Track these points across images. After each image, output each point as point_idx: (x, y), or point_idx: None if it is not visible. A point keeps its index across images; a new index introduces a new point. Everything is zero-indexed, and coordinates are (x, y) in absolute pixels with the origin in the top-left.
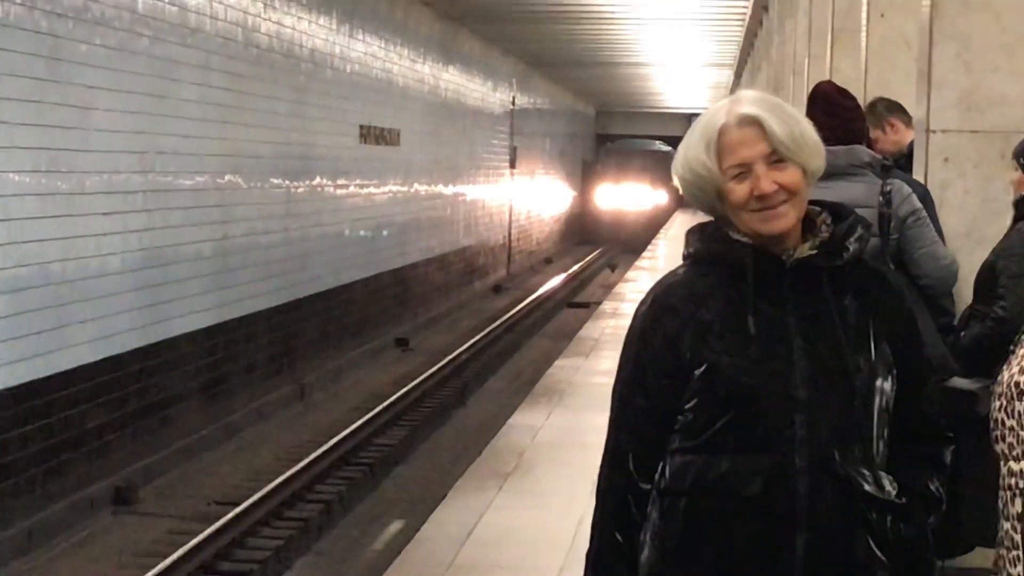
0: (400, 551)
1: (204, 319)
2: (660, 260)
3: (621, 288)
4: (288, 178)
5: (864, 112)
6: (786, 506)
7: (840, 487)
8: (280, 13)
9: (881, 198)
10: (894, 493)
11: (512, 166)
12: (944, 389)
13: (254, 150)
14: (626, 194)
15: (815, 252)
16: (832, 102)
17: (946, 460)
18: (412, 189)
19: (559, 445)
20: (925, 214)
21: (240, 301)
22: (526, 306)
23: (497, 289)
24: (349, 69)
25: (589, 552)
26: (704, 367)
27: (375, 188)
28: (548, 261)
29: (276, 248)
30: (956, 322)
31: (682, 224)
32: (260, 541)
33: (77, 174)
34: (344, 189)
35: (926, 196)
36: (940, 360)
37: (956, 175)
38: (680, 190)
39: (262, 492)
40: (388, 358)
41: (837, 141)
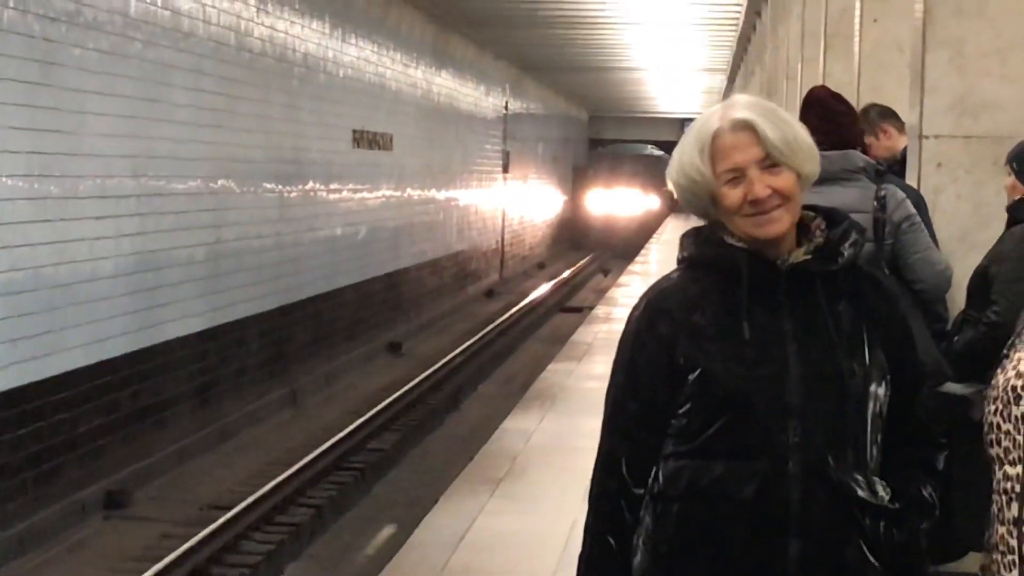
0: (392, 556)
1: (197, 323)
2: (652, 265)
3: (614, 293)
4: (281, 182)
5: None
6: (780, 511)
7: (834, 492)
8: (273, 18)
9: (876, 203)
10: (887, 498)
11: (505, 171)
12: (938, 394)
13: (247, 154)
14: (617, 199)
15: (810, 257)
16: (826, 107)
17: (939, 465)
18: (405, 193)
19: (552, 449)
20: (919, 219)
21: (233, 305)
22: (519, 310)
23: (490, 293)
24: (342, 73)
25: (581, 556)
26: (698, 372)
27: (368, 192)
28: (541, 266)
29: (269, 252)
30: (949, 327)
31: (675, 229)
32: (252, 545)
33: (70, 178)
34: (337, 193)
35: (920, 201)
36: (934, 365)
37: (949, 180)
38: (675, 194)
39: (254, 496)
40: (381, 362)
41: (831, 146)
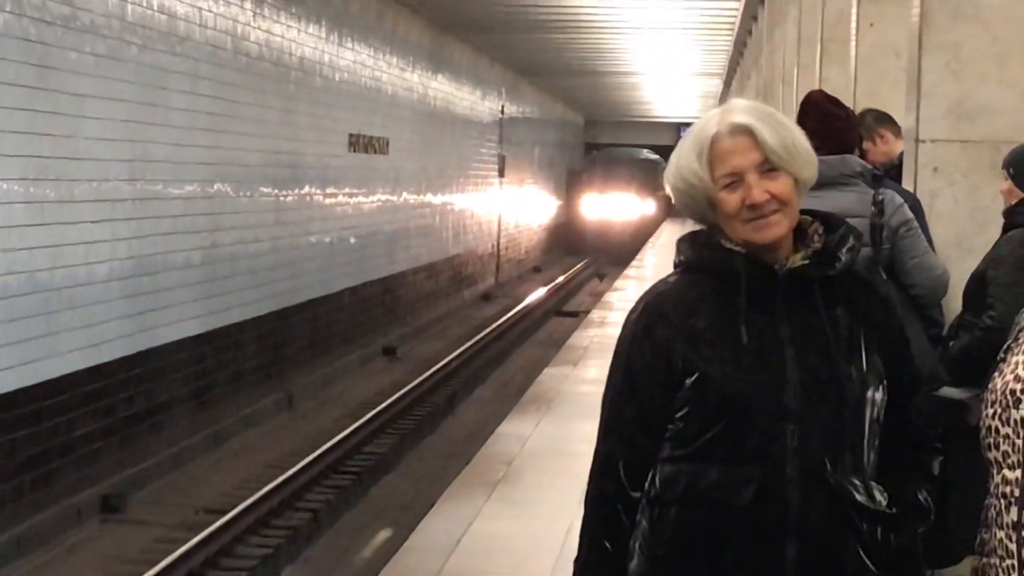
0: (388, 560)
1: (192, 327)
2: (648, 270)
3: (610, 297)
4: (277, 186)
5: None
6: (777, 516)
7: (831, 497)
8: (269, 21)
9: (874, 208)
10: (885, 503)
11: (501, 175)
12: (934, 398)
13: (243, 158)
14: (612, 204)
15: (807, 262)
16: (824, 111)
17: (935, 470)
18: (401, 198)
19: (548, 453)
20: (917, 224)
21: (229, 309)
22: (515, 315)
23: (486, 298)
24: (338, 78)
25: (577, 560)
26: (696, 376)
27: (364, 197)
28: (536, 270)
29: (265, 256)
30: (945, 332)
31: (671, 234)
32: (248, 549)
33: (66, 182)
34: (333, 198)
35: (916, 206)
36: (931, 370)
37: (945, 185)
38: (672, 198)
39: (250, 500)
40: (376, 367)
41: (829, 151)
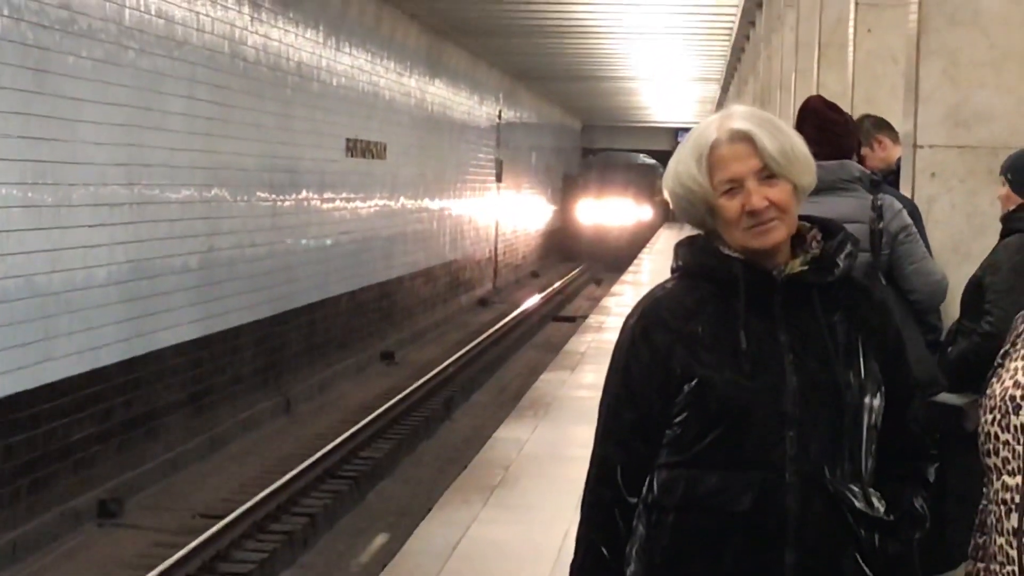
0: (385, 565)
1: (190, 331)
2: (645, 275)
3: (607, 302)
4: (274, 191)
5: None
6: (776, 523)
7: (830, 504)
8: (267, 26)
9: (873, 213)
10: (883, 510)
11: (498, 180)
12: (931, 404)
13: (240, 163)
14: (608, 209)
15: (806, 268)
16: (823, 117)
17: (931, 477)
18: (398, 203)
19: (545, 459)
20: (915, 230)
21: (226, 314)
22: (512, 320)
23: (483, 303)
24: (336, 82)
25: (573, 565)
26: (695, 381)
27: (361, 201)
28: (534, 275)
29: (262, 261)
30: (943, 338)
31: (667, 240)
32: (245, 554)
33: (64, 186)
34: (330, 202)
35: (914, 211)
36: (930, 376)
37: (943, 190)
38: (670, 204)
39: (247, 505)
40: (374, 371)
41: (827, 156)
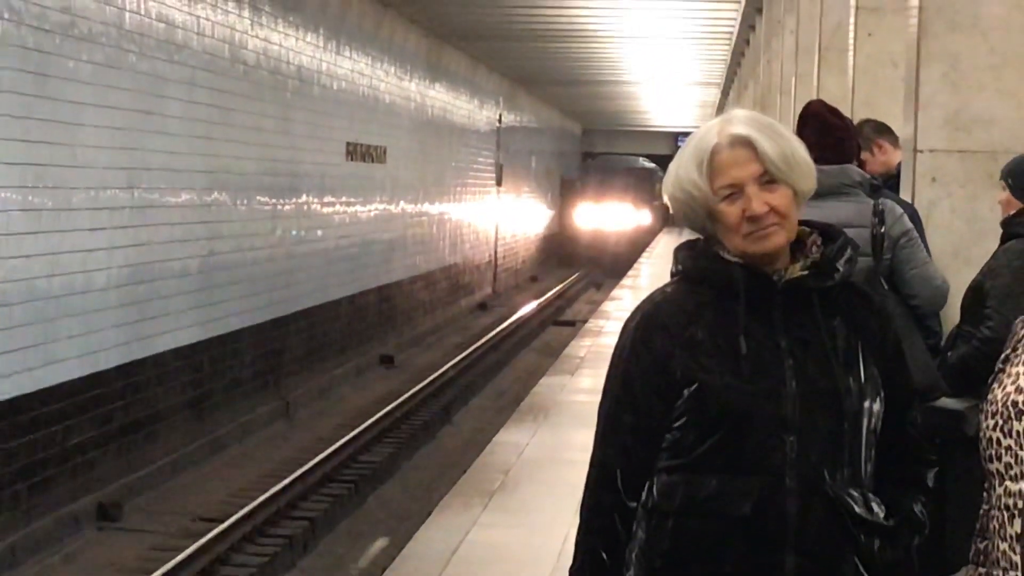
0: (385, 569)
1: (189, 335)
2: (644, 279)
3: (606, 306)
4: (274, 195)
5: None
6: (776, 528)
7: (830, 509)
8: (267, 30)
9: (875, 218)
10: (882, 515)
11: (498, 184)
12: (931, 409)
13: (240, 167)
14: (607, 214)
15: (806, 273)
16: (824, 121)
17: (930, 482)
18: (398, 207)
19: (544, 463)
20: (916, 234)
21: (226, 318)
22: (511, 324)
23: (483, 307)
24: (336, 86)
25: (572, 570)
26: (695, 386)
27: (361, 205)
28: (534, 279)
29: (262, 265)
30: (943, 343)
31: (667, 244)
32: (244, 558)
33: (64, 190)
34: (330, 206)
35: (914, 216)
36: (931, 380)
37: (943, 195)
38: (670, 208)
39: (246, 509)
40: (373, 375)
41: (828, 161)
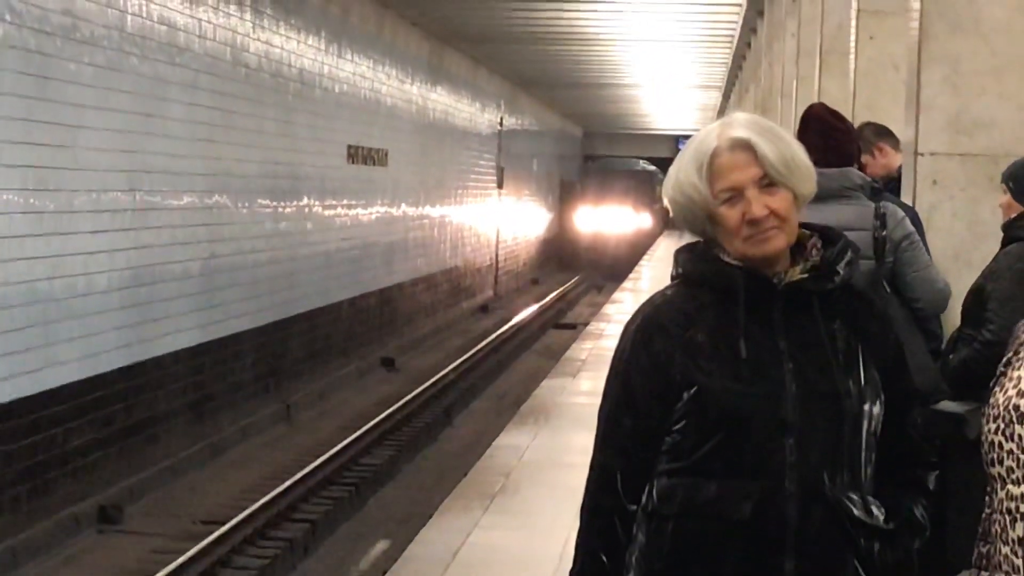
0: (385, 571)
1: (191, 338)
2: (645, 282)
3: (607, 309)
4: (275, 198)
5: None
6: (776, 531)
7: (830, 512)
8: (269, 33)
9: (877, 221)
10: (882, 518)
11: (500, 187)
12: (932, 412)
13: (242, 170)
14: (608, 217)
15: (806, 276)
16: (825, 124)
17: (931, 485)
18: (399, 209)
19: (545, 466)
20: (918, 237)
21: (227, 320)
22: (512, 326)
23: (484, 309)
24: (337, 89)
25: (573, 572)
26: (695, 389)
27: (362, 208)
28: (535, 282)
29: (263, 267)
30: (944, 346)
31: (667, 247)
32: (245, 560)
33: (65, 192)
34: (331, 209)
35: (915, 219)
36: (932, 384)
37: (944, 198)
38: (670, 211)
39: (247, 511)
40: (374, 378)
41: (829, 164)
